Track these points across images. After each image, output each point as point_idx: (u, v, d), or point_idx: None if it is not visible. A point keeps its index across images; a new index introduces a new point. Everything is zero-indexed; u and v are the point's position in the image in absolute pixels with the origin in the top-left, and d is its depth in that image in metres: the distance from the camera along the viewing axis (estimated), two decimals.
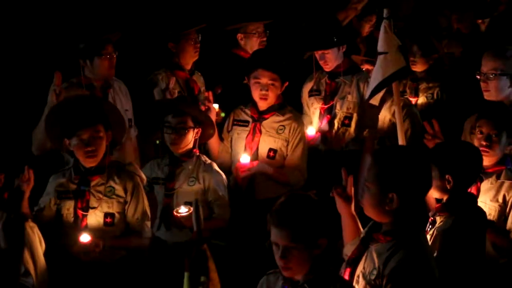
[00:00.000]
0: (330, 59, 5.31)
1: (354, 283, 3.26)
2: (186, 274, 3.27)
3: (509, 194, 4.02)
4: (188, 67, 5.52)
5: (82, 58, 4.84)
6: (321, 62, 5.35)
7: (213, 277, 4.13)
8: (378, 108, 5.26)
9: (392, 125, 5.23)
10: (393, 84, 4.47)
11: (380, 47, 4.43)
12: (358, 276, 3.26)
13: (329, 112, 5.36)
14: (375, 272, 3.17)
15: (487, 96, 4.51)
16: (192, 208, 4.15)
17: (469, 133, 4.48)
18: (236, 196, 4.81)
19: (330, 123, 5.35)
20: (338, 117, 5.35)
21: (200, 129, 4.61)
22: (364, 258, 3.28)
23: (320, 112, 5.38)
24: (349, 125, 5.34)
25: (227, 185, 4.72)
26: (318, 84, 5.47)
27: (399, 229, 3.20)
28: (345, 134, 5.36)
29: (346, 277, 3.29)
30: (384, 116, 5.44)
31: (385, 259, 3.14)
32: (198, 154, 4.65)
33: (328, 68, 5.36)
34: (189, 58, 5.50)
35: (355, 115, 5.33)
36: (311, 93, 5.49)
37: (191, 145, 4.60)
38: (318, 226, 3.12)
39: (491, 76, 4.45)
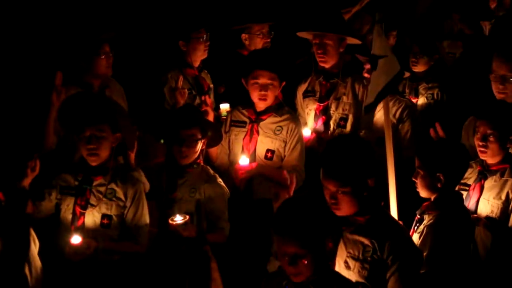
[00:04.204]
0: (331, 53, 5.25)
1: (344, 270, 3.38)
2: None
3: None
4: (196, 64, 5.56)
5: (81, 58, 4.84)
6: (319, 56, 5.28)
7: (215, 277, 4.14)
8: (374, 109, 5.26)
9: (392, 126, 5.21)
10: None
11: (378, 51, 4.37)
12: (346, 262, 3.40)
13: (324, 113, 5.34)
14: (369, 249, 3.35)
15: (502, 98, 4.46)
16: (188, 217, 4.21)
17: (472, 136, 4.47)
18: (234, 197, 4.77)
19: (326, 125, 5.33)
20: (333, 118, 5.33)
21: (206, 139, 4.59)
22: (341, 245, 3.42)
23: (315, 113, 5.36)
24: (344, 126, 5.32)
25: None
26: (313, 85, 5.44)
27: (370, 207, 3.46)
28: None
29: None
30: None
31: (378, 234, 3.35)
32: (202, 164, 4.62)
33: (325, 64, 5.30)
34: (199, 56, 5.55)
35: (350, 116, 5.31)
36: (306, 95, 5.46)
37: (196, 155, 4.57)
38: (323, 229, 3.15)
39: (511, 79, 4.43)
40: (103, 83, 4.94)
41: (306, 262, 3.08)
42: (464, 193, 4.17)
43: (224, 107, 5.38)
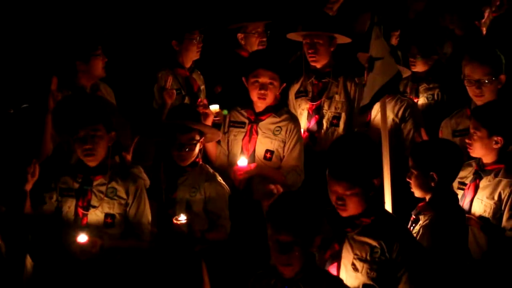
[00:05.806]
0: (322, 52, 5.28)
1: (351, 272, 3.38)
2: None
3: (504, 192, 4.07)
4: (188, 65, 5.57)
5: (79, 59, 4.88)
6: (310, 55, 5.31)
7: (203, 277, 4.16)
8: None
9: (395, 125, 5.25)
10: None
11: (375, 53, 4.37)
12: (353, 264, 3.39)
13: (317, 112, 5.37)
14: (377, 250, 3.35)
15: (481, 101, 4.50)
16: None
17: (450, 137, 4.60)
18: (233, 198, 4.79)
19: (319, 124, 5.36)
20: (326, 117, 5.36)
21: (203, 138, 4.61)
22: (347, 247, 3.42)
23: (308, 113, 5.39)
24: (337, 125, 5.36)
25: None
26: (305, 85, 5.46)
27: (375, 208, 3.46)
28: (333, 134, 5.35)
29: (335, 271, 3.40)
30: (387, 116, 5.40)
31: (385, 235, 3.35)
32: (201, 163, 4.64)
33: (316, 63, 5.34)
34: (191, 57, 5.56)
35: (343, 115, 5.35)
36: (298, 95, 5.49)
37: (196, 156, 4.59)
38: (314, 223, 3.19)
39: (487, 81, 4.46)
40: (94, 86, 4.97)
41: (297, 253, 3.13)
42: (461, 192, 4.20)
43: (214, 108, 5.37)
